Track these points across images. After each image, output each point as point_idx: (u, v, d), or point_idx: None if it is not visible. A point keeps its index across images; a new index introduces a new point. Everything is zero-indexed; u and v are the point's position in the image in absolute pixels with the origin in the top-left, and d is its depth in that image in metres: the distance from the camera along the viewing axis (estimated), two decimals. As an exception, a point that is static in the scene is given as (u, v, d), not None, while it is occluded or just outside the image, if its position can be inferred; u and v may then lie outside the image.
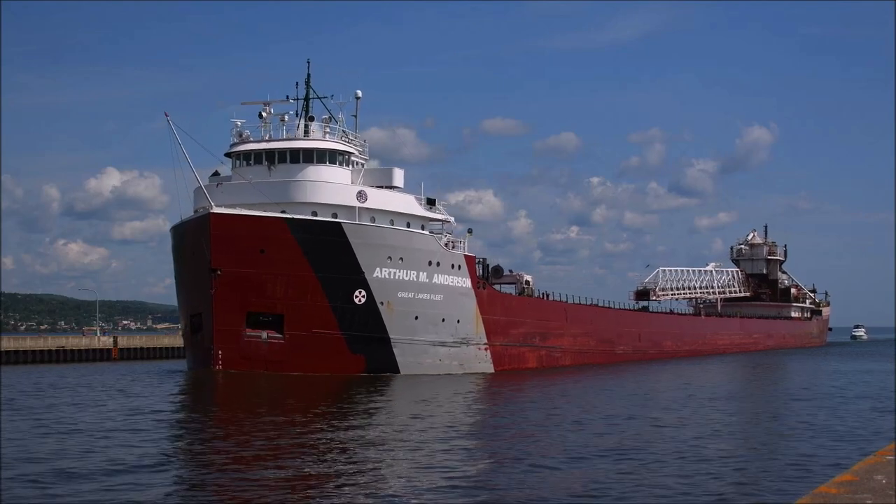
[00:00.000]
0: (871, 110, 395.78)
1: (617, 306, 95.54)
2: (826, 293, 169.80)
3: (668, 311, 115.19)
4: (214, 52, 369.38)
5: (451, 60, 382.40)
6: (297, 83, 64.92)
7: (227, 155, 63.05)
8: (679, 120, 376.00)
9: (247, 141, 61.94)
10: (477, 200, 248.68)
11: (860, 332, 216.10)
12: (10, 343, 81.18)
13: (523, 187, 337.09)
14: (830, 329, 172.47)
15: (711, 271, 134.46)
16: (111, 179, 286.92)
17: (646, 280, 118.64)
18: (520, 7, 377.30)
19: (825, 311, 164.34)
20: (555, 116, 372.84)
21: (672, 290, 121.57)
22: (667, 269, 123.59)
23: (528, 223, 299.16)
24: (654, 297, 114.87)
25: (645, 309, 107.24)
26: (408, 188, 66.19)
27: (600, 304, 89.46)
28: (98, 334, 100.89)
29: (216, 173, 64.28)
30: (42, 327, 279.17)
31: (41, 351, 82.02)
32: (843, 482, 7.98)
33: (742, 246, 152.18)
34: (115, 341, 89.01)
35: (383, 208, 61.21)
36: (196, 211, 60.51)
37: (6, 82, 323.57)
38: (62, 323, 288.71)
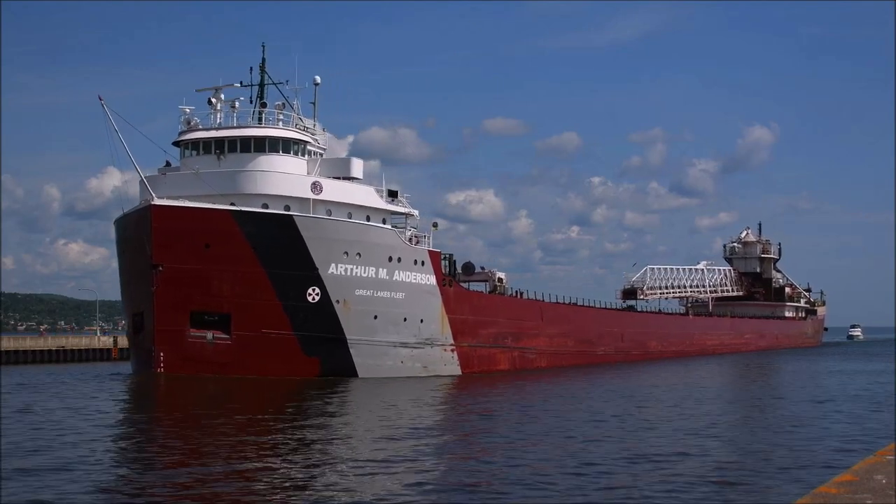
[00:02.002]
0: (871, 110, 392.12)
1: (608, 306, 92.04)
2: (822, 292, 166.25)
3: (657, 310, 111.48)
4: (215, 52, 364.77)
5: (451, 60, 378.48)
6: (251, 68, 61.27)
7: (176, 144, 59.33)
8: (680, 120, 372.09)
9: (195, 129, 58.21)
10: (478, 200, 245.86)
11: (857, 332, 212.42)
12: (10, 343, 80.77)
13: (524, 187, 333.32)
14: (826, 329, 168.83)
15: (703, 270, 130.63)
16: (112, 179, 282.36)
17: (633, 279, 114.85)
18: (520, 7, 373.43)
19: (820, 310, 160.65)
20: (556, 116, 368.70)
21: (661, 289, 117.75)
22: (655, 267, 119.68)
23: (529, 223, 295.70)
24: (641, 297, 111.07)
25: (631, 308, 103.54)
26: (379, 181, 62.62)
27: (581, 303, 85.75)
28: (98, 334, 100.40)
29: (168, 164, 60.56)
30: (42, 327, 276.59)
31: (41, 351, 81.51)
32: (843, 482, 7.96)
33: (735, 244, 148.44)
34: (115, 341, 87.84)
35: (340, 200, 57.45)
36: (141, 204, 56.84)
37: (6, 82, 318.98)
38: (62, 323, 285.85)
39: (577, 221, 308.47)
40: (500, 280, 70.98)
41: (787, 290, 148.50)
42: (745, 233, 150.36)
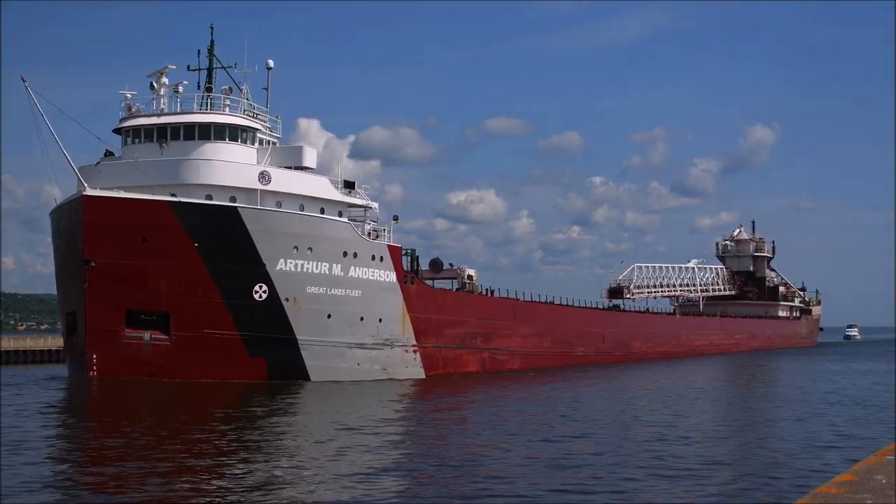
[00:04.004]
0: (872, 109, 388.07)
1: (590, 306, 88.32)
2: (817, 291, 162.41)
3: (645, 309, 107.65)
4: (219, 53, 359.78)
5: (454, 59, 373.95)
6: (198, 51, 57.41)
7: (116, 132, 55.58)
8: (682, 119, 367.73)
9: (136, 115, 54.47)
10: (478, 200, 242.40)
11: (854, 332, 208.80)
12: (10, 343, 79.17)
13: (525, 187, 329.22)
14: (822, 329, 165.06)
15: (693, 268, 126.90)
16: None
17: (619, 277, 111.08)
18: (523, 7, 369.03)
19: (815, 310, 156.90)
20: (558, 116, 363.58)
21: (648, 287, 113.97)
22: (643, 265, 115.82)
23: (530, 223, 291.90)
24: (628, 296, 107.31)
25: (616, 308, 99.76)
26: (327, 171, 58.85)
27: (561, 301, 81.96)
28: None
29: (109, 153, 56.76)
30: (42, 327, 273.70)
31: (41, 351, 79.99)
32: (843, 482, 8.04)
33: (728, 242, 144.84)
34: None
35: (291, 191, 53.67)
36: (79, 195, 53.07)
37: (6, 82, 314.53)
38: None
39: (578, 221, 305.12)
40: (469, 277, 67.23)
41: (782, 289, 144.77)
42: (737, 231, 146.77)
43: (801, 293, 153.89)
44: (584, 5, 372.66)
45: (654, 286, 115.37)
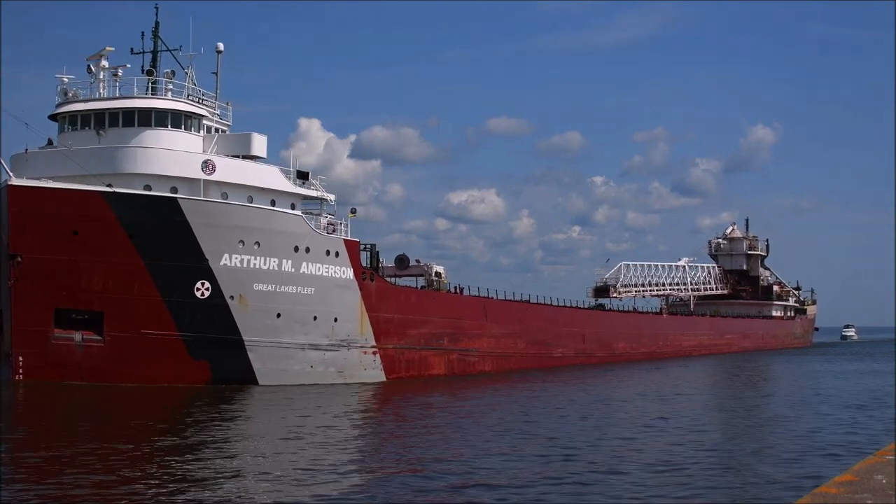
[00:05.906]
0: (873, 109, 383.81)
1: (573, 304, 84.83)
2: (812, 291, 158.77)
3: (632, 309, 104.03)
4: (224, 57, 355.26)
5: (455, 59, 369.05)
6: (142, 33, 53.80)
7: (52, 118, 52.06)
8: (683, 119, 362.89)
9: (73, 101, 50.96)
10: (479, 200, 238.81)
11: (850, 332, 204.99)
12: None
13: (526, 187, 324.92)
14: (817, 329, 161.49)
15: (684, 267, 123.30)
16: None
17: (606, 276, 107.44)
18: (524, 6, 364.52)
19: (811, 309, 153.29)
20: (560, 115, 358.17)
21: (636, 286, 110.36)
22: (630, 263, 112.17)
23: (530, 223, 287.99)
24: (614, 295, 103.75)
25: (600, 307, 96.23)
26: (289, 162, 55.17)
27: (539, 300, 78.43)
28: None
29: (50, 142, 53.28)
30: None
31: None
32: (843, 482, 8.00)
33: (720, 240, 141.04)
34: None
35: (238, 182, 50.15)
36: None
37: (6, 82, 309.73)
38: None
39: (578, 221, 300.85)
40: (437, 274, 63.68)
41: (776, 288, 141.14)
42: (730, 229, 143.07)
43: (796, 292, 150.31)
44: (587, 5, 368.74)
45: (643, 285, 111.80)
